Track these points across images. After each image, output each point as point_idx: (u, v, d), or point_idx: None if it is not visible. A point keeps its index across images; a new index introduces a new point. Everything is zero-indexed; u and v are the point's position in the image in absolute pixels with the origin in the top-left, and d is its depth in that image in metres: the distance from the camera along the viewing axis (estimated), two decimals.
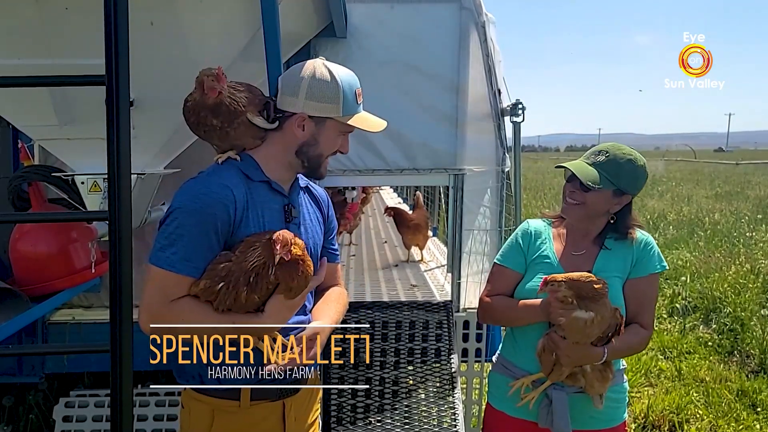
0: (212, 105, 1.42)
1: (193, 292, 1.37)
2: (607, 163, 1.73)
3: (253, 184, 1.46)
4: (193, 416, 1.50)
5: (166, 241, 1.36)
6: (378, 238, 5.51)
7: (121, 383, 1.33)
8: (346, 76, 1.49)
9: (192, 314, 1.36)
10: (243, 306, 1.37)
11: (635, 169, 1.74)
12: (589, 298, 1.61)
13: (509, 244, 1.92)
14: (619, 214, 1.80)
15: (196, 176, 1.45)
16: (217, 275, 1.35)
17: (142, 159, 1.99)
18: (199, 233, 1.36)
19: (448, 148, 3.16)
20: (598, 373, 1.72)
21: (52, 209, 2.52)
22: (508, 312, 1.83)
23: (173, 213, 1.37)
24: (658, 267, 1.80)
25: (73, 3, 1.73)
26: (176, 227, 1.36)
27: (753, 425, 3.80)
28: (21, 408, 3.29)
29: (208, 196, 1.37)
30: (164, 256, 1.35)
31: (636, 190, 1.79)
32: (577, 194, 1.76)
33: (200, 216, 1.36)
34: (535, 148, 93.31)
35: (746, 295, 6.08)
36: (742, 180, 23.07)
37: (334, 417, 2.79)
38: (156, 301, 1.36)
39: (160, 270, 1.35)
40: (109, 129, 1.30)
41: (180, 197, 1.39)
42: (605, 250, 1.81)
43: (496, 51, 3.22)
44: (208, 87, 1.41)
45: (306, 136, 1.48)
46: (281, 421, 1.52)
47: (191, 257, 1.35)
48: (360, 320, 3.00)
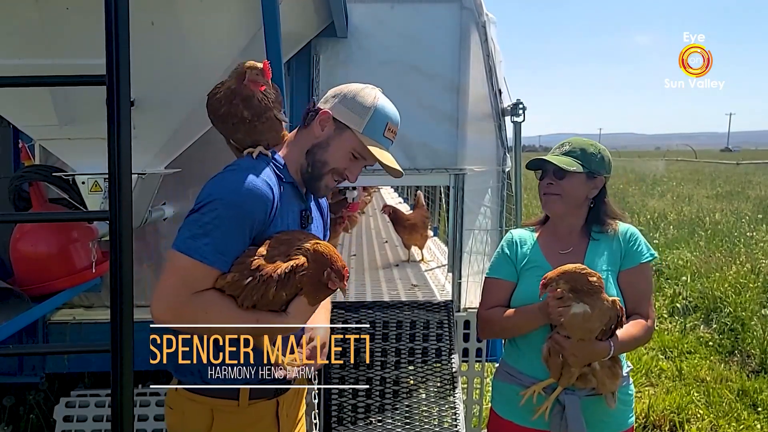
0: (246, 96, 1.43)
1: (219, 286, 1.33)
2: (573, 151, 1.80)
3: (283, 184, 1.46)
4: (188, 417, 1.48)
5: (200, 231, 1.31)
6: (378, 238, 5.51)
7: (121, 383, 1.33)
8: (386, 106, 1.49)
9: (216, 307, 1.33)
10: (269, 303, 1.35)
11: (599, 151, 1.82)
12: (585, 291, 1.60)
13: (496, 257, 1.93)
14: (597, 199, 1.84)
15: (232, 168, 1.41)
16: (246, 269, 1.32)
17: (143, 159, 1.99)
18: (236, 227, 1.33)
19: (449, 148, 3.17)
20: (608, 370, 1.70)
21: (52, 209, 2.52)
22: (508, 321, 1.80)
23: (212, 203, 1.32)
24: (647, 256, 1.81)
25: (73, 3, 1.73)
26: (214, 218, 1.31)
27: (753, 425, 3.80)
28: (21, 408, 3.30)
29: (251, 192, 1.34)
30: (196, 245, 1.30)
31: (606, 172, 1.83)
32: (553, 186, 1.79)
33: (240, 210, 1.33)
34: (535, 148, 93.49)
35: (747, 295, 6.07)
36: (743, 180, 23.06)
37: (334, 417, 2.79)
38: (179, 292, 1.31)
39: (188, 259, 1.30)
40: (110, 129, 1.30)
41: (219, 188, 1.35)
42: (593, 241, 1.83)
43: (497, 51, 3.22)
44: (252, 80, 1.42)
45: (321, 137, 1.47)
46: (275, 418, 1.53)
47: (224, 250, 1.32)
48: (361, 320, 3.00)
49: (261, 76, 1.43)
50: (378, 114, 1.46)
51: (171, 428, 1.54)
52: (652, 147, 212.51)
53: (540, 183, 1.84)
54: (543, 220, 1.93)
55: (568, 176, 1.77)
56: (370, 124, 1.46)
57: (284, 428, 1.55)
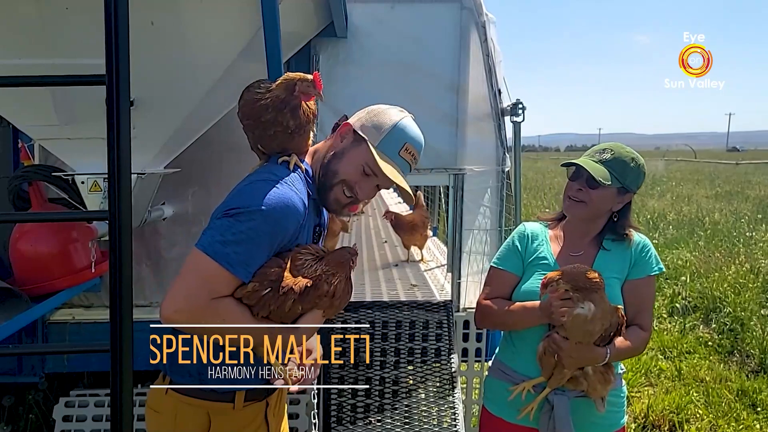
0: (294, 106, 1.43)
1: (238, 295, 1.32)
2: (613, 161, 1.73)
3: (309, 199, 1.46)
4: (180, 420, 1.46)
5: (232, 237, 1.29)
6: (378, 238, 5.51)
7: (121, 383, 1.33)
8: (409, 127, 1.50)
9: (232, 315, 1.32)
10: (284, 315, 1.35)
11: (638, 167, 1.76)
12: (586, 289, 1.60)
13: (506, 247, 1.91)
14: (621, 213, 1.80)
15: (270, 179, 1.38)
16: (266, 279, 1.33)
17: (142, 159, 1.99)
18: (268, 241, 1.33)
19: (449, 148, 3.17)
20: (600, 375, 1.70)
21: (52, 209, 2.52)
22: (507, 315, 1.79)
23: (250, 213, 1.30)
24: (655, 269, 1.80)
25: (73, 3, 1.73)
26: (249, 228, 1.29)
27: (753, 425, 3.80)
28: (21, 408, 3.29)
29: (289, 208, 1.34)
30: (225, 251, 1.28)
31: (637, 189, 1.80)
32: (583, 192, 1.74)
33: (277, 226, 1.33)
34: (535, 147, 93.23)
35: (746, 295, 6.08)
36: (742, 180, 23.07)
37: (334, 417, 2.79)
38: (198, 294, 1.28)
39: (214, 263, 1.28)
40: (110, 129, 1.30)
41: (259, 199, 1.32)
42: (604, 251, 1.80)
43: (497, 51, 3.22)
44: (303, 91, 1.42)
45: (339, 147, 1.48)
46: (264, 419, 1.54)
47: (251, 262, 1.31)
48: (360, 320, 3.00)
49: (312, 88, 1.43)
50: (397, 131, 1.46)
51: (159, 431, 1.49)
52: (652, 147, 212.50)
53: (569, 183, 1.80)
54: (559, 217, 1.91)
55: (600, 188, 1.72)
56: (386, 139, 1.45)
57: (272, 428, 1.56)
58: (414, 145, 1.50)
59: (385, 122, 1.47)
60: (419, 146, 1.52)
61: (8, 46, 1.81)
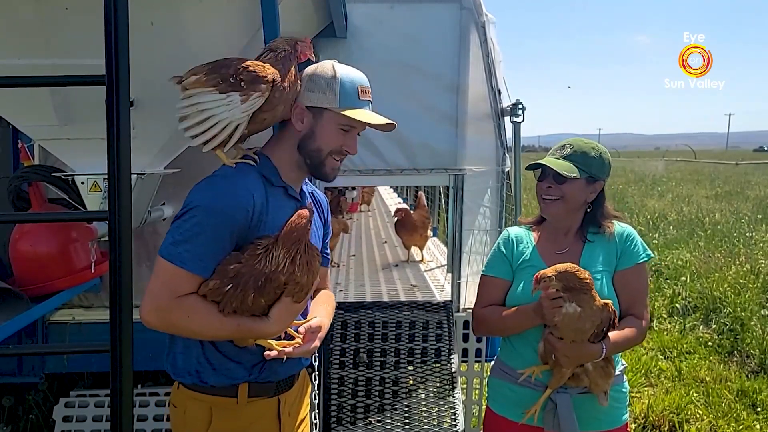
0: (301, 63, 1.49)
1: (202, 293, 1.35)
2: (575, 154, 1.79)
3: (272, 188, 1.47)
4: (189, 415, 1.49)
5: (181, 237, 1.34)
6: (378, 238, 5.51)
7: (121, 383, 1.33)
8: (349, 72, 1.49)
9: (198, 313, 1.34)
10: (249, 309, 1.36)
11: (600, 155, 1.81)
12: (576, 289, 1.62)
13: (493, 255, 1.94)
14: (595, 203, 1.84)
15: (215, 174, 1.43)
16: (226, 276, 1.34)
17: (142, 159, 1.99)
18: (216, 234, 1.35)
19: (449, 148, 3.17)
20: (601, 370, 1.72)
21: (52, 209, 2.52)
22: (503, 321, 1.82)
23: (193, 210, 1.34)
24: (643, 256, 1.82)
25: (73, 3, 1.73)
26: (194, 224, 1.33)
27: (753, 425, 3.80)
28: (21, 408, 3.29)
29: (231, 198, 1.36)
30: (177, 251, 1.33)
31: (606, 176, 1.83)
32: (553, 189, 1.79)
33: (221, 217, 1.34)
34: (535, 148, 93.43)
35: (746, 295, 6.08)
36: (742, 180, 23.07)
37: (334, 417, 2.79)
38: (163, 295, 1.34)
39: (170, 265, 1.33)
40: (109, 129, 1.30)
41: (201, 194, 1.37)
42: (589, 243, 1.83)
43: (496, 51, 3.22)
44: (303, 51, 1.48)
45: (305, 129, 1.48)
46: (277, 417, 1.53)
47: (204, 256, 1.34)
48: (360, 320, 3.01)
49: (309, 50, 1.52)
50: (345, 83, 1.47)
51: (174, 426, 1.55)
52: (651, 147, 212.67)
53: (539, 185, 1.84)
54: (539, 219, 1.94)
55: (568, 181, 1.76)
56: (342, 95, 1.46)
57: (286, 427, 1.55)
58: (364, 84, 1.51)
59: (328, 81, 1.46)
60: (367, 81, 1.53)
61: (8, 46, 1.81)
